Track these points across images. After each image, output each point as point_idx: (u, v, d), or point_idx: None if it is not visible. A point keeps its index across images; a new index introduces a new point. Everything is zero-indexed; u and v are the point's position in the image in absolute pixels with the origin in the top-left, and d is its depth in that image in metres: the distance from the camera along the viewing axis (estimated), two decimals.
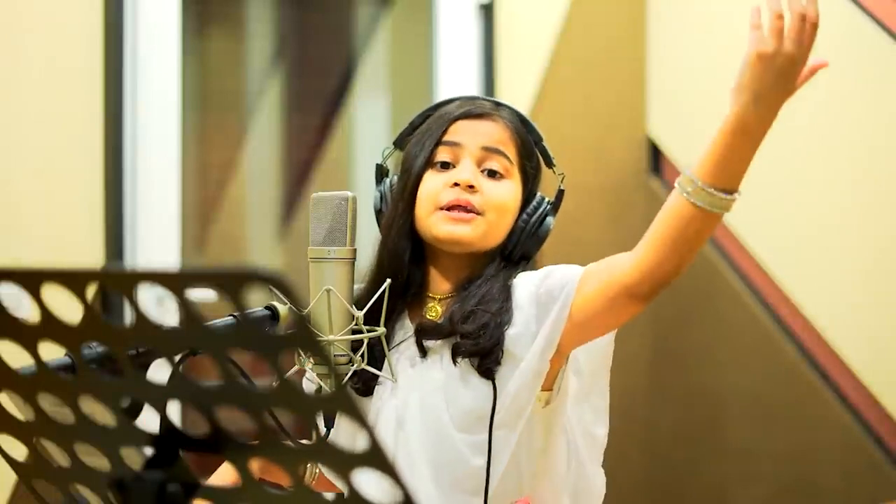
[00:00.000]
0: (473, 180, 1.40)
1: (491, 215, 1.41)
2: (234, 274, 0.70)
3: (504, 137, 1.44)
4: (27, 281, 0.79)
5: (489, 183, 1.42)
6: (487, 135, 1.44)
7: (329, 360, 0.74)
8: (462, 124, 1.44)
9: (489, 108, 1.46)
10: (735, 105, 1.22)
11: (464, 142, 1.43)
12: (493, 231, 1.42)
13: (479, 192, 1.41)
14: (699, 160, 1.26)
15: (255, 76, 3.29)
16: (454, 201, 1.40)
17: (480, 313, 1.37)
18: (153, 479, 0.82)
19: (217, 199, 3.16)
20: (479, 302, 1.39)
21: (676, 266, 1.30)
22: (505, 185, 1.43)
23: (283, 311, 1.19)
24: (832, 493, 2.56)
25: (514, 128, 1.45)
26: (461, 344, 1.38)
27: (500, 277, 1.42)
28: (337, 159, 3.28)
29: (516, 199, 1.44)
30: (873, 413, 2.48)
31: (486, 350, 1.36)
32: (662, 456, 2.99)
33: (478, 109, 1.45)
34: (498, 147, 1.43)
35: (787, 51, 1.19)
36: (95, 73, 2.43)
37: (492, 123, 1.45)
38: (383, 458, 0.74)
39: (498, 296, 1.39)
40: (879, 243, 2.47)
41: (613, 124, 3.06)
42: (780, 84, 1.20)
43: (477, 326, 1.37)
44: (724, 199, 1.29)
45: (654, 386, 3.01)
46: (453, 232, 1.40)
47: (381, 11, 3.27)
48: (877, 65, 2.48)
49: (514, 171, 1.44)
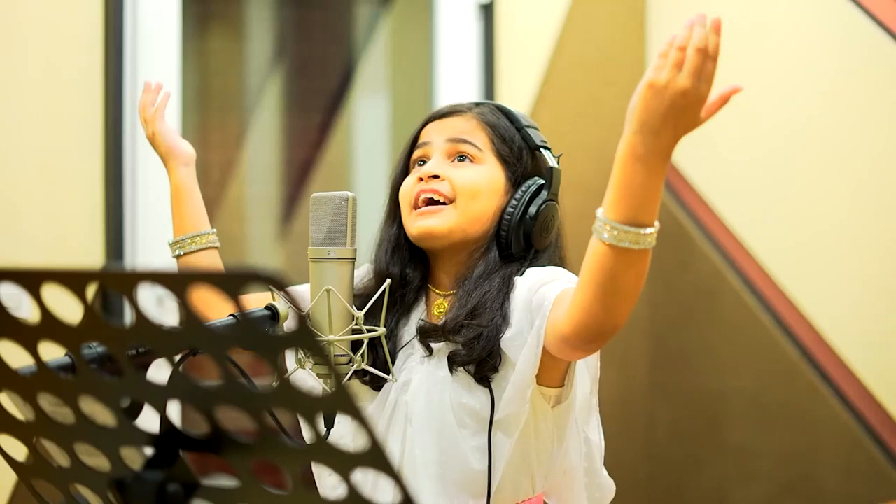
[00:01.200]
0: (436, 169, 1.41)
1: (462, 200, 1.41)
2: (234, 274, 0.70)
3: (469, 127, 1.45)
4: (27, 281, 0.79)
5: (457, 168, 1.42)
6: (452, 128, 1.45)
7: (329, 360, 0.74)
8: (431, 125, 1.47)
9: (456, 105, 1.48)
10: (624, 131, 1.16)
11: (431, 139, 1.45)
12: (468, 216, 1.41)
13: (446, 178, 1.41)
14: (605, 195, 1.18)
15: (255, 76, 3.29)
16: (419, 192, 1.41)
17: (473, 327, 1.36)
18: (153, 479, 0.82)
19: (217, 199, 3.16)
20: (476, 307, 1.38)
21: (609, 313, 1.17)
22: (475, 168, 1.43)
23: (283, 311, 1.19)
24: (832, 493, 2.56)
25: (483, 119, 1.46)
26: (456, 353, 1.38)
27: (501, 273, 1.40)
28: (337, 159, 3.28)
29: (492, 181, 1.43)
30: (873, 413, 2.48)
31: (479, 359, 1.36)
32: (662, 455, 2.99)
33: (445, 109, 1.48)
34: (462, 136, 1.44)
35: (680, 84, 1.10)
36: (95, 73, 2.43)
37: (458, 118, 1.46)
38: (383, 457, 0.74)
39: (496, 297, 1.38)
40: (880, 244, 2.48)
41: (614, 125, 3.04)
42: (671, 115, 1.12)
43: (468, 338, 1.36)
44: (633, 234, 1.17)
45: (654, 386, 3.01)
46: (423, 227, 1.40)
47: (381, 11, 3.27)
48: (877, 65, 2.48)
49: (485, 157, 1.44)
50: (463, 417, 1.38)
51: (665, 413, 3.00)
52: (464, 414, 1.38)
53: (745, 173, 2.81)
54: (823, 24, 2.60)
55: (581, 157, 2.99)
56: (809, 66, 2.64)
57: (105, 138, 2.43)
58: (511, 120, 1.48)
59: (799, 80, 2.66)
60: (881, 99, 2.48)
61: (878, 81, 2.49)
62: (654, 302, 3.04)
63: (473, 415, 1.38)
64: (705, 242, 2.90)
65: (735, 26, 2.88)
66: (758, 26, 2.80)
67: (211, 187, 3.13)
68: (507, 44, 2.95)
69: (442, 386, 1.40)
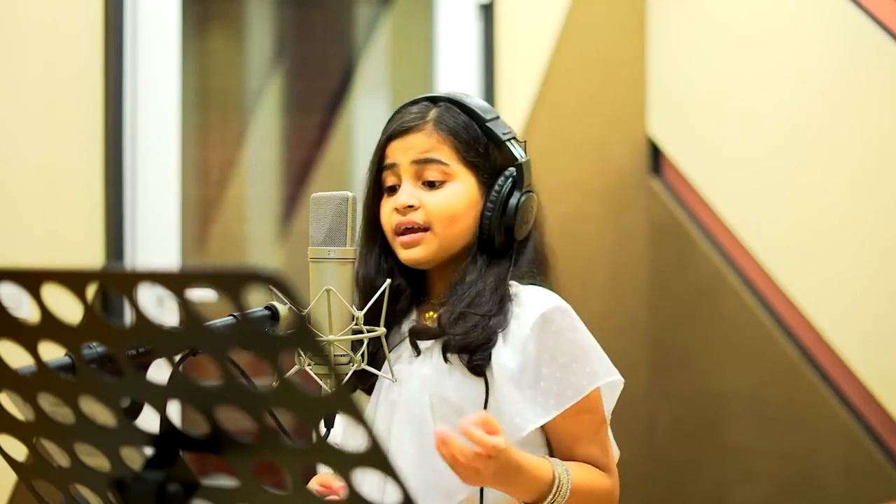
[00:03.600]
0: (410, 199, 1.41)
1: (438, 227, 1.41)
2: (234, 274, 0.70)
3: (431, 143, 1.42)
4: (27, 281, 0.79)
5: (429, 194, 1.42)
6: (415, 148, 1.43)
7: (329, 360, 0.74)
8: (394, 144, 1.45)
9: (414, 117, 1.45)
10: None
11: (397, 161, 1.44)
12: (448, 239, 1.42)
13: (421, 206, 1.41)
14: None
15: (255, 76, 3.29)
16: (398, 225, 1.42)
17: (470, 316, 1.38)
18: (153, 479, 0.82)
19: (217, 199, 3.16)
20: (469, 304, 1.39)
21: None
22: (446, 191, 1.42)
23: (283, 311, 1.19)
24: (832, 493, 2.56)
25: (444, 128, 1.43)
26: (451, 340, 1.38)
27: (491, 275, 1.41)
28: (337, 159, 3.28)
29: (466, 197, 1.42)
30: (873, 413, 2.48)
31: (474, 346, 1.37)
32: (662, 455, 2.99)
33: (404, 125, 1.44)
34: (426, 157, 1.42)
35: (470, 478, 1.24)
36: (95, 72, 2.43)
37: (418, 135, 1.43)
38: (383, 457, 0.74)
39: (490, 296, 1.39)
40: (880, 243, 2.48)
41: (613, 124, 3.06)
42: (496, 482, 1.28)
43: (467, 327, 1.37)
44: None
45: (654, 386, 3.01)
46: (409, 256, 1.42)
47: (381, 11, 3.27)
48: (877, 65, 2.48)
49: (455, 171, 1.42)
50: (445, 413, 1.38)
51: (665, 413, 3.00)
52: (446, 409, 1.38)
53: (746, 173, 2.81)
54: (823, 24, 2.60)
55: (581, 157, 2.99)
56: (809, 66, 2.64)
57: (105, 138, 2.43)
58: (472, 117, 1.45)
59: (799, 81, 2.66)
60: (881, 99, 2.48)
61: (878, 81, 2.49)
62: (654, 302, 3.04)
63: (457, 411, 1.37)
64: (705, 242, 2.90)
65: (736, 26, 2.89)
66: (758, 26, 2.80)
67: (211, 187, 3.13)
68: (507, 44, 2.94)
69: (423, 381, 1.41)
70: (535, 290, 1.43)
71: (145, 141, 2.52)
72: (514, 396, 1.36)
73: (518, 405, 1.36)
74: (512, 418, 1.36)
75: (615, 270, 3.02)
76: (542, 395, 1.36)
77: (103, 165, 2.43)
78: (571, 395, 1.36)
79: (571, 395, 1.36)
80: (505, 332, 1.38)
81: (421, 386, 1.40)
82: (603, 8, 3.06)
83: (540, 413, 1.36)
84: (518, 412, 1.36)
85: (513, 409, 1.36)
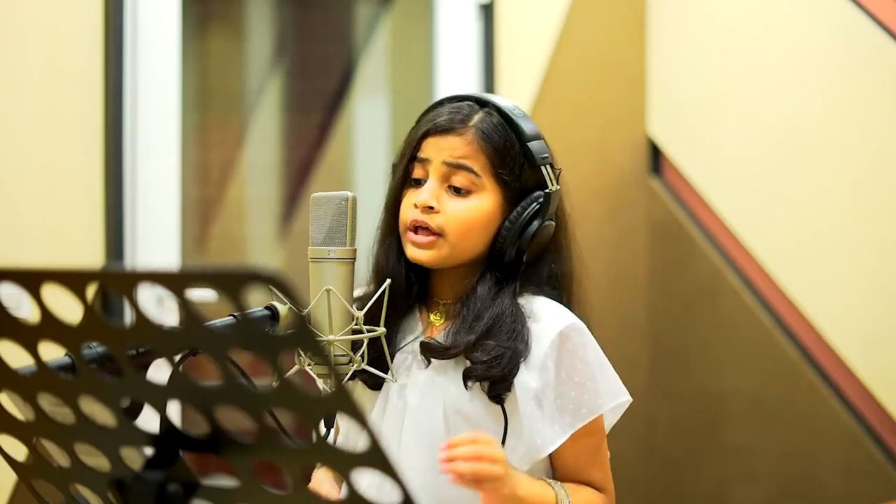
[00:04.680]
0: (431, 200, 1.39)
1: (452, 236, 1.39)
2: (234, 274, 0.70)
3: (468, 151, 1.40)
4: (27, 281, 0.79)
5: (452, 201, 1.40)
6: (450, 150, 1.40)
7: (329, 360, 0.74)
8: (431, 140, 1.42)
9: (461, 117, 1.42)
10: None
11: (430, 157, 1.41)
12: (459, 249, 1.40)
13: (441, 211, 1.39)
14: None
15: (255, 76, 3.29)
16: (413, 222, 1.40)
17: (494, 346, 1.36)
18: (153, 479, 0.82)
19: (217, 199, 3.16)
20: (491, 327, 1.38)
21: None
22: (470, 202, 1.40)
23: (283, 311, 1.19)
24: (832, 493, 2.56)
25: (484, 136, 1.40)
26: (473, 369, 1.37)
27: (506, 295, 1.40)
28: (337, 159, 3.28)
29: (486, 212, 1.40)
30: (873, 413, 2.48)
31: (497, 378, 1.36)
32: (662, 455, 2.99)
33: (445, 124, 1.41)
34: (459, 162, 1.39)
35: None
36: (95, 72, 2.43)
37: (456, 138, 1.40)
38: (383, 457, 0.74)
39: (511, 319, 1.38)
40: (880, 243, 2.47)
41: (613, 124, 3.06)
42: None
43: (490, 357, 1.36)
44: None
45: (654, 385, 3.01)
46: (416, 256, 1.41)
47: (381, 11, 3.27)
48: (877, 65, 2.48)
49: (483, 183, 1.40)
50: (460, 427, 1.38)
51: (665, 413, 3.00)
52: (460, 422, 1.38)
53: (746, 173, 2.81)
54: (823, 24, 2.60)
55: (581, 157, 2.99)
56: (809, 66, 2.64)
57: (105, 138, 2.43)
58: (516, 133, 1.42)
59: (799, 80, 2.66)
60: (881, 99, 2.48)
61: (878, 81, 2.49)
62: (654, 302, 3.04)
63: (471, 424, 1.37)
64: (705, 242, 2.90)
65: (736, 26, 2.89)
66: (758, 26, 2.80)
67: (211, 187, 3.13)
68: (507, 44, 2.95)
69: (437, 393, 1.40)
70: (548, 305, 1.42)
71: (145, 141, 2.52)
72: (536, 416, 1.36)
73: (539, 425, 1.36)
74: (533, 439, 1.36)
75: (615, 270, 3.02)
76: (560, 413, 1.37)
77: (103, 165, 2.43)
78: (587, 413, 1.37)
79: (587, 414, 1.37)
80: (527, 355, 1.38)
81: (435, 397, 1.40)
82: (603, 8, 3.06)
83: (558, 432, 1.37)
84: (539, 432, 1.36)
85: (534, 429, 1.36)
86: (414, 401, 1.41)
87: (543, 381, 1.37)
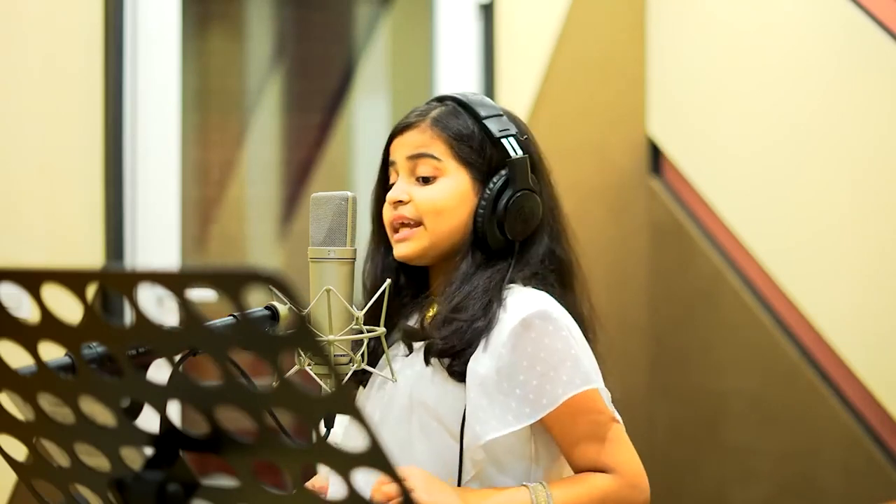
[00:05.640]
0: (401, 195, 1.43)
1: (428, 221, 1.42)
2: (234, 274, 0.70)
3: (424, 139, 1.44)
4: (27, 281, 0.79)
5: (420, 190, 1.43)
6: (410, 144, 1.45)
7: (329, 360, 0.74)
8: (395, 142, 1.47)
9: (416, 114, 1.47)
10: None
11: (396, 158, 1.46)
12: (439, 235, 1.42)
13: (411, 200, 1.42)
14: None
15: (255, 76, 3.29)
16: (392, 220, 1.44)
17: (455, 320, 1.37)
18: (153, 479, 0.82)
19: (217, 199, 3.16)
20: (458, 304, 1.39)
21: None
22: (437, 186, 1.42)
23: (283, 311, 1.19)
24: (832, 493, 2.56)
25: (438, 123, 1.44)
26: (433, 343, 1.38)
27: (483, 277, 1.40)
28: (337, 159, 3.28)
29: (456, 192, 1.42)
30: (873, 413, 2.48)
31: (455, 351, 1.36)
32: (662, 455, 2.99)
33: (403, 122, 1.47)
34: (419, 152, 1.43)
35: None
36: (95, 72, 2.43)
37: (414, 132, 1.45)
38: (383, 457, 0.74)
39: (481, 296, 1.38)
40: (879, 243, 2.47)
41: (613, 124, 3.06)
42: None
43: (450, 331, 1.37)
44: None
45: (654, 385, 3.01)
46: (401, 252, 1.44)
47: (381, 11, 3.27)
48: (877, 65, 2.48)
49: (446, 167, 1.43)
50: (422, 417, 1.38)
51: (665, 413, 3.00)
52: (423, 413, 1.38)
53: (745, 173, 2.81)
54: (823, 24, 2.60)
55: (581, 157, 2.99)
56: (809, 65, 2.64)
57: (105, 138, 2.43)
58: (470, 113, 1.45)
59: (799, 80, 2.66)
60: (881, 99, 2.48)
61: (878, 81, 2.49)
62: (654, 302, 3.04)
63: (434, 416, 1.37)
64: (705, 242, 2.90)
65: (735, 26, 2.89)
66: (758, 26, 2.80)
67: (211, 187, 3.13)
68: (507, 44, 2.94)
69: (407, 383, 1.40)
70: (526, 293, 1.40)
71: (145, 141, 2.52)
72: (481, 403, 1.34)
73: (483, 413, 1.34)
74: (473, 426, 1.35)
75: (615, 270, 3.02)
76: (517, 403, 1.34)
77: (103, 165, 2.43)
78: (546, 403, 1.34)
79: (546, 404, 1.34)
80: (487, 338, 1.37)
81: (405, 387, 1.40)
82: (603, 8, 3.06)
83: (510, 421, 1.34)
84: (481, 420, 1.34)
85: (475, 416, 1.34)
86: (389, 392, 1.42)
87: (495, 368, 1.35)
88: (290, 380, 0.75)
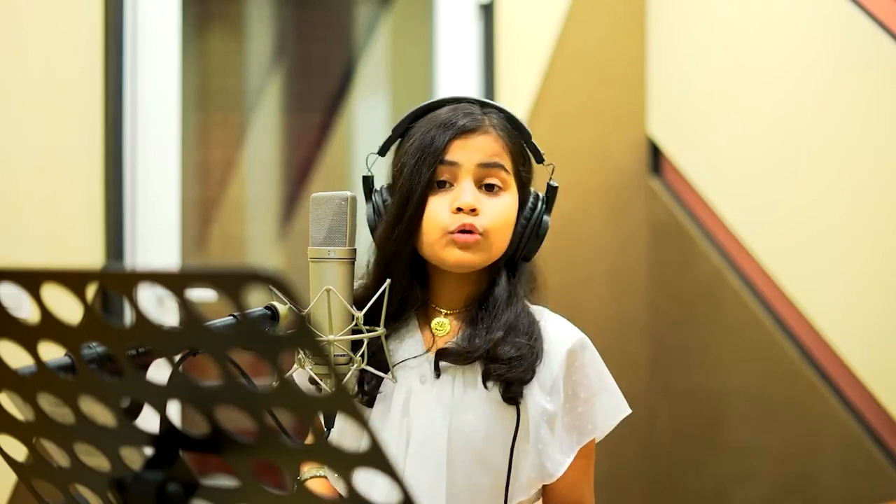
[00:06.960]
0: (475, 202, 1.37)
1: (493, 235, 1.38)
2: (234, 274, 0.70)
3: (498, 149, 1.39)
4: (27, 281, 0.79)
5: (488, 201, 1.38)
6: (482, 150, 1.38)
7: (329, 360, 0.74)
8: (458, 143, 1.38)
9: (478, 118, 1.40)
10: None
11: (461, 160, 1.38)
12: (497, 249, 1.40)
13: (482, 212, 1.38)
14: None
15: (255, 76, 3.29)
16: (461, 226, 1.36)
17: (517, 345, 1.37)
18: (153, 479, 0.82)
19: (217, 199, 3.16)
20: (510, 328, 1.38)
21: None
22: (503, 199, 1.39)
23: (283, 311, 1.19)
24: (832, 493, 2.56)
25: (505, 135, 1.41)
26: (494, 368, 1.36)
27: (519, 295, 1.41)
28: (337, 159, 3.28)
29: (513, 210, 1.41)
30: (873, 413, 2.48)
31: (517, 379, 1.36)
32: (662, 455, 2.99)
33: (471, 124, 1.39)
34: (494, 161, 1.39)
35: None
36: (95, 72, 2.43)
37: (485, 137, 1.39)
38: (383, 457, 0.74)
39: (528, 324, 1.39)
40: (880, 243, 2.47)
41: (613, 124, 3.06)
42: None
43: (512, 356, 1.36)
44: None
45: (654, 385, 3.01)
46: (462, 258, 1.37)
47: (381, 11, 3.27)
48: (876, 65, 2.48)
49: (510, 182, 1.40)
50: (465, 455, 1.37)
51: (665, 413, 3.00)
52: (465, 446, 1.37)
53: (745, 173, 2.81)
54: (823, 24, 2.60)
55: (581, 157, 2.99)
56: (809, 65, 2.64)
57: (105, 138, 2.43)
58: (520, 132, 1.43)
59: (799, 80, 2.66)
60: (881, 99, 2.48)
61: (878, 81, 2.49)
62: (654, 302, 3.04)
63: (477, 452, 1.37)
64: (705, 242, 2.90)
65: (735, 26, 2.89)
66: (758, 26, 2.80)
67: (211, 187, 3.13)
68: (507, 44, 2.95)
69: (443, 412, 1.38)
70: (552, 320, 1.43)
71: (145, 141, 2.52)
72: (547, 439, 1.36)
73: (549, 448, 1.36)
74: (543, 463, 1.36)
75: (615, 270, 3.02)
76: (567, 432, 1.37)
77: (103, 165, 2.44)
78: (591, 429, 1.38)
79: (591, 430, 1.38)
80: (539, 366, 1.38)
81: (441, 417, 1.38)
82: (603, 8, 3.06)
83: (567, 452, 1.37)
84: (549, 456, 1.36)
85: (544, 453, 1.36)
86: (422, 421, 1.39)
87: (555, 403, 1.37)
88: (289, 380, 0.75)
